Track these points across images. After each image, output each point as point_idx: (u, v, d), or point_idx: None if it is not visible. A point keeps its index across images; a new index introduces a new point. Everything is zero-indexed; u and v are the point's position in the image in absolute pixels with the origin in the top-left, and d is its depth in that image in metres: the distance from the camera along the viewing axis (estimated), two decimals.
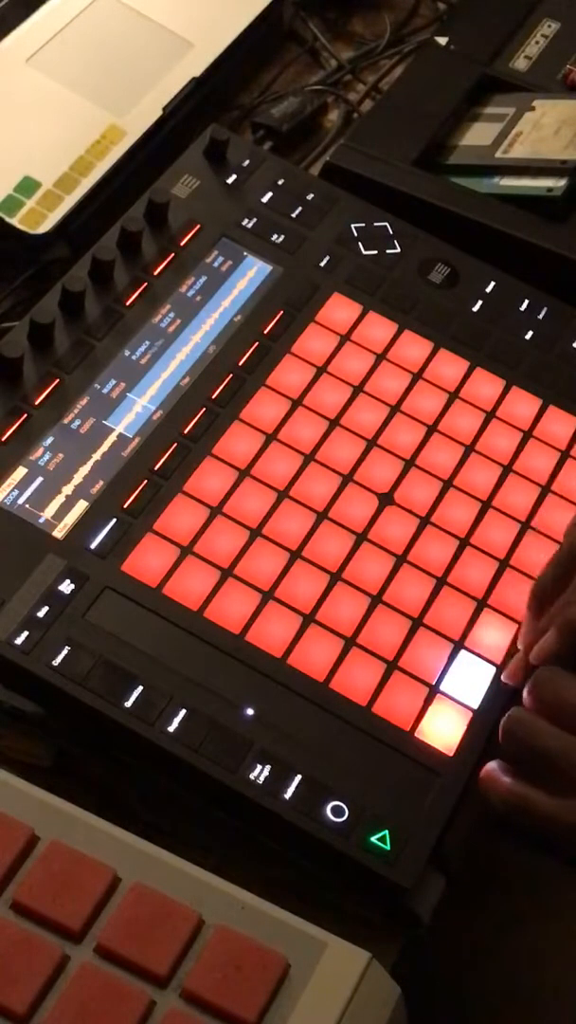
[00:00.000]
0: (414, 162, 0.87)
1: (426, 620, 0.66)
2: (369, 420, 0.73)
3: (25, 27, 0.89)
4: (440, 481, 0.72)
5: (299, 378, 0.74)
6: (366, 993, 0.51)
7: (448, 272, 0.81)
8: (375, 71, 1.01)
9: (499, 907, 0.78)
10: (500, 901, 0.78)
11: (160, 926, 0.51)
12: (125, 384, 0.71)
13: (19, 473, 0.67)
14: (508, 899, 0.78)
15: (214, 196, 0.81)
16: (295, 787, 0.60)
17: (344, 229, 0.81)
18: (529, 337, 0.79)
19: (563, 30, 0.98)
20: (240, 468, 0.69)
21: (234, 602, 0.65)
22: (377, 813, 0.60)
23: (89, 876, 0.52)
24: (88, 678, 0.61)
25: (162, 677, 0.61)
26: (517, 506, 0.72)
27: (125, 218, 0.76)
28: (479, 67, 0.94)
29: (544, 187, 0.85)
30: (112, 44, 0.90)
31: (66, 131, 0.84)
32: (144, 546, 0.66)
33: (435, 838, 0.60)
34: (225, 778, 0.59)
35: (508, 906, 0.78)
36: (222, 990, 0.50)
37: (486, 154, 0.88)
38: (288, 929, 0.52)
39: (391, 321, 0.78)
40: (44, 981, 0.49)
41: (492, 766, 0.60)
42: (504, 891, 0.78)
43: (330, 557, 0.67)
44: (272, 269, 0.78)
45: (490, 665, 0.66)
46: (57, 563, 0.64)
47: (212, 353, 0.74)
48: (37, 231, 0.80)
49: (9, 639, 0.61)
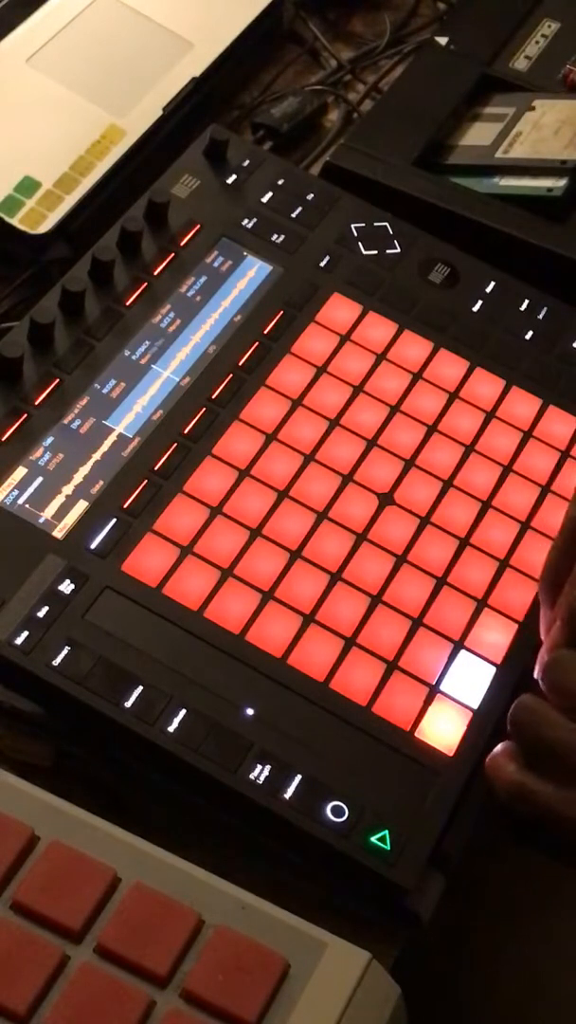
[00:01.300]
0: (414, 162, 0.87)
1: (426, 620, 0.66)
2: (369, 420, 0.73)
3: (25, 27, 0.89)
4: (440, 481, 0.72)
5: (299, 378, 0.74)
6: (366, 993, 0.51)
7: (448, 272, 0.81)
8: (375, 71, 1.01)
9: (499, 906, 0.78)
10: (500, 900, 0.78)
11: (160, 926, 0.51)
12: (125, 384, 0.71)
13: (19, 473, 0.67)
14: (508, 899, 0.78)
15: (214, 196, 0.81)
16: (295, 787, 0.60)
17: (344, 229, 0.81)
18: (529, 337, 0.79)
19: (563, 30, 0.98)
20: (240, 468, 0.69)
21: (234, 602, 0.65)
22: (377, 813, 0.60)
23: (89, 876, 0.52)
24: (88, 678, 0.61)
25: (162, 677, 0.61)
26: (517, 506, 0.72)
27: (125, 218, 0.76)
28: (479, 67, 0.94)
29: (544, 187, 0.85)
30: (112, 44, 0.90)
31: (66, 131, 0.84)
32: (144, 546, 0.66)
33: (435, 838, 0.60)
34: (225, 778, 0.59)
35: (508, 906, 0.78)
36: (222, 990, 0.50)
37: (486, 154, 0.88)
38: (288, 929, 0.52)
39: (391, 321, 0.78)
40: (44, 981, 0.49)
41: (498, 751, 0.59)
42: (504, 891, 0.78)
43: (330, 557, 0.67)
44: (272, 269, 0.78)
45: (490, 665, 0.66)
46: (57, 563, 0.64)
47: (212, 353, 0.74)
48: (37, 231, 0.80)
49: (9, 639, 0.61)
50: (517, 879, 0.77)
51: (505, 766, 0.58)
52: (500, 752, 0.59)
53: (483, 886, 0.76)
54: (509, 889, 0.78)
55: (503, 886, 0.77)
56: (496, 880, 0.76)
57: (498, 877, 0.76)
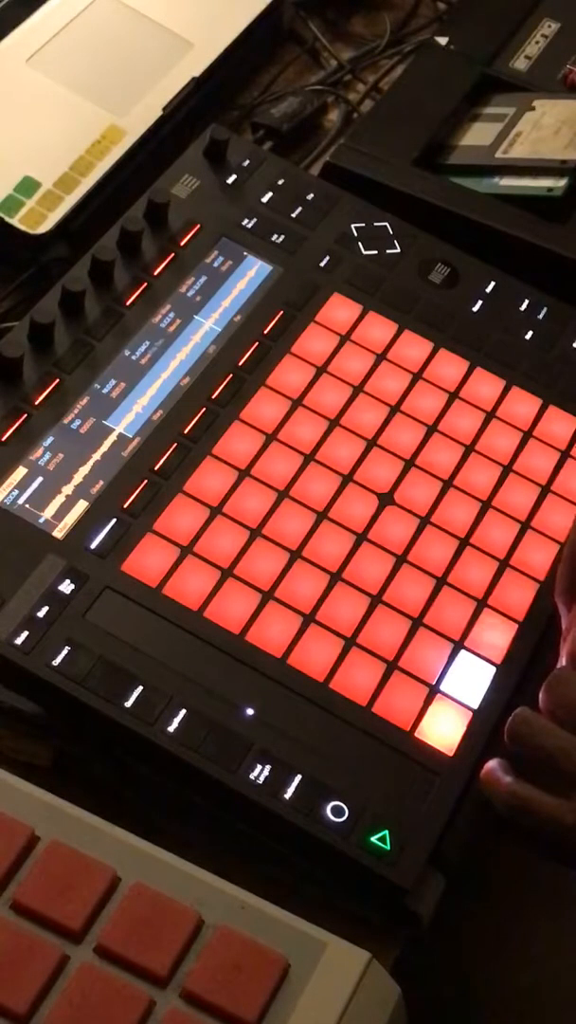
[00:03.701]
0: (414, 162, 0.87)
1: (426, 620, 0.66)
2: (369, 420, 0.73)
3: (25, 27, 0.89)
4: (440, 481, 0.72)
5: (299, 378, 0.74)
6: (366, 993, 0.51)
7: (448, 272, 0.81)
8: (375, 71, 1.01)
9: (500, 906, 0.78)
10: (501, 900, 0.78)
11: (160, 926, 0.51)
12: (125, 384, 0.71)
13: (19, 473, 0.67)
14: (509, 898, 0.78)
15: (214, 196, 0.81)
16: (295, 787, 0.60)
17: (344, 229, 0.81)
18: (529, 337, 0.79)
19: (563, 30, 0.98)
20: (240, 468, 0.69)
21: (234, 602, 0.65)
22: (377, 813, 0.60)
23: (89, 876, 0.52)
24: (88, 678, 0.61)
25: (162, 677, 0.61)
26: (517, 506, 0.72)
27: (125, 218, 0.76)
28: (479, 67, 0.94)
29: (544, 187, 0.85)
30: (112, 44, 0.90)
31: (66, 131, 0.84)
32: (144, 546, 0.66)
33: (435, 838, 0.60)
34: (225, 778, 0.59)
35: (509, 905, 0.78)
36: (222, 990, 0.50)
37: (486, 154, 0.88)
38: (288, 929, 0.52)
39: (391, 321, 0.78)
40: (44, 981, 0.49)
41: (492, 765, 0.60)
42: (505, 890, 0.78)
43: (330, 557, 0.67)
44: (272, 269, 0.78)
45: (490, 665, 0.66)
46: (57, 563, 0.64)
47: (212, 353, 0.74)
48: (37, 231, 0.80)
49: (9, 639, 0.61)
50: (518, 878, 0.77)
51: (501, 779, 0.59)
52: (494, 766, 0.60)
53: (483, 885, 0.76)
54: (510, 889, 0.78)
55: (504, 886, 0.77)
56: (497, 880, 0.76)
57: (499, 877, 0.76)
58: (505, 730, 0.60)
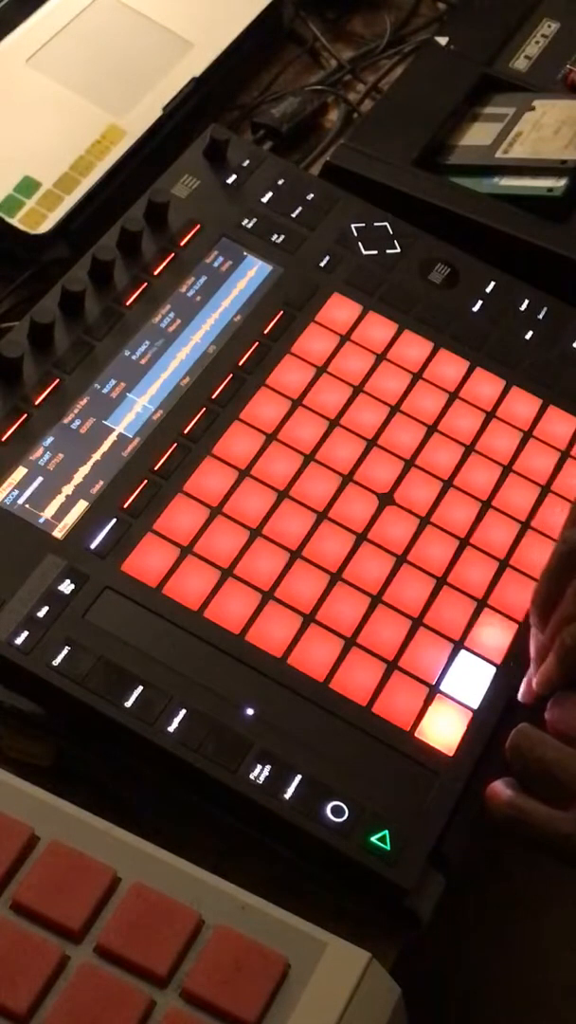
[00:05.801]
0: (414, 162, 0.87)
1: (426, 620, 0.66)
2: (369, 420, 0.73)
3: (25, 27, 0.89)
4: (440, 481, 0.72)
5: (299, 378, 0.74)
6: (366, 993, 0.51)
7: (448, 272, 0.81)
8: (375, 71, 1.01)
9: (500, 906, 0.78)
10: (501, 900, 0.78)
11: (160, 926, 0.51)
12: (125, 384, 0.71)
13: (19, 473, 0.67)
14: (509, 898, 0.78)
15: (214, 196, 0.81)
16: (295, 787, 0.60)
17: (344, 229, 0.81)
18: (529, 337, 0.79)
19: (563, 30, 0.98)
20: (240, 468, 0.69)
21: (234, 602, 0.65)
22: (377, 813, 0.60)
23: (89, 876, 0.52)
24: (88, 678, 0.61)
25: (162, 677, 0.61)
26: (517, 506, 0.72)
27: (125, 218, 0.76)
28: (479, 67, 0.94)
29: (544, 187, 0.85)
30: (112, 44, 0.90)
31: (66, 131, 0.84)
32: (144, 546, 0.66)
33: (435, 838, 0.60)
34: (225, 778, 0.59)
35: (509, 905, 0.79)
36: (222, 990, 0.50)
37: (486, 154, 0.88)
38: (288, 929, 0.52)
39: (391, 321, 0.78)
40: (44, 981, 0.49)
41: (496, 783, 0.60)
42: (505, 890, 0.78)
43: (330, 557, 0.67)
44: (272, 269, 0.78)
45: (490, 665, 0.66)
46: (57, 563, 0.64)
47: (212, 353, 0.74)
48: (37, 231, 0.80)
49: (9, 639, 0.61)
50: (518, 878, 0.77)
51: (502, 793, 0.59)
52: (499, 782, 0.60)
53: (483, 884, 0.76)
54: (510, 888, 0.78)
55: (504, 885, 0.77)
56: (497, 879, 0.76)
57: (499, 876, 0.76)
58: (507, 745, 0.60)
